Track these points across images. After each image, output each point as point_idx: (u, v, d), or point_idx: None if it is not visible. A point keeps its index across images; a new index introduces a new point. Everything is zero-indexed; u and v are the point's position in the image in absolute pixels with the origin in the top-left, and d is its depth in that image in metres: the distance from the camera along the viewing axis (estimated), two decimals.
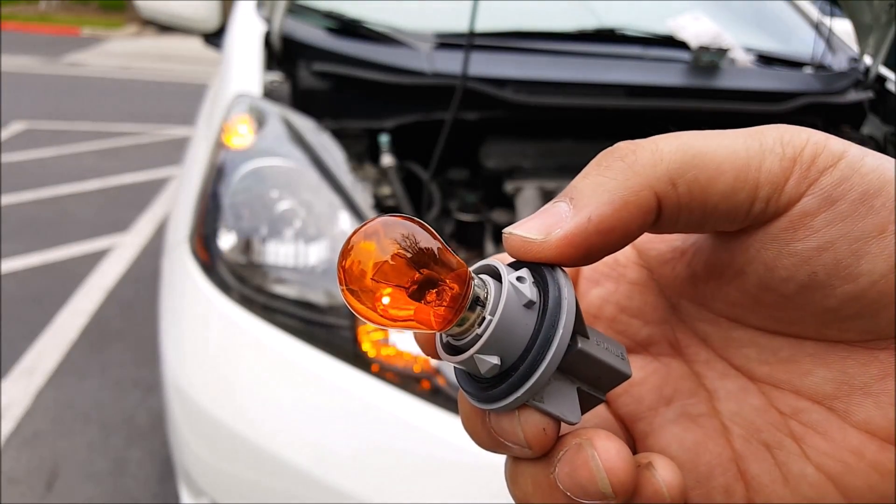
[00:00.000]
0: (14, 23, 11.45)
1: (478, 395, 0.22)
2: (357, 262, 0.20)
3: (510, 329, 0.20)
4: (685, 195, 0.20)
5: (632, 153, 0.20)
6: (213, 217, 1.12)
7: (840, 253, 0.19)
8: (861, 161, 0.19)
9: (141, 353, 2.28)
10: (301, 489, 0.93)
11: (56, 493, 1.69)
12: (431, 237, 0.21)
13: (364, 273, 0.20)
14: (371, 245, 0.20)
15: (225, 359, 1.04)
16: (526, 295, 0.21)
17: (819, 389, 0.21)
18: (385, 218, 0.21)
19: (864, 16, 1.65)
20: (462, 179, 1.51)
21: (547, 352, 0.20)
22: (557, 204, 0.21)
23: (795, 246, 0.19)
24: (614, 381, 0.23)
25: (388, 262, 0.20)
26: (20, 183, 3.84)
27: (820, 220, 0.19)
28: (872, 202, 0.19)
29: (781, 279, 0.20)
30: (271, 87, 1.34)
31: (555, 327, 0.20)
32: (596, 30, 1.63)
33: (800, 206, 0.19)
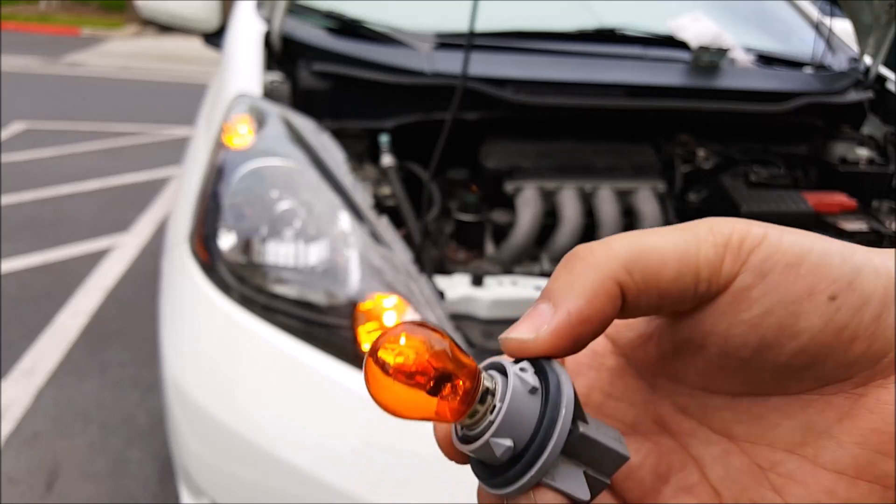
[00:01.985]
0: (14, 23, 11.45)
1: (494, 481, 0.24)
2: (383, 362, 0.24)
3: (519, 413, 0.23)
4: (641, 282, 0.23)
5: (590, 254, 0.24)
6: (213, 217, 1.12)
7: (780, 316, 0.22)
8: (780, 239, 0.23)
9: (141, 353, 2.28)
10: (301, 489, 0.93)
11: (56, 493, 1.69)
12: (444, 340, 0.24)
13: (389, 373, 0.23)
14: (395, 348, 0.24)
15: (225, 359, 1.04)
16: (530, 382, 0.24)
17: (789, 439, 0.24)
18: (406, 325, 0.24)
19: (864, 16, 1.65)
20: (462, 179, 1.51)
21: (553, 430, 0.23)
22: (539, 306, 0.24)
23: (742, 316, 0.23)
24: (616, 463, 0.25)
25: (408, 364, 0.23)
26: (20, 183, 3.84)
27: (757, 291, 0.22)
28: (798, 270, 0.22)
29: (737, 346, 0.23)
30: (271, 87, 1.34)
31: (558, 408, 0.23)
32: (596, 30, 1.63)
33: (738, 283, 0.23)
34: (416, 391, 0.23)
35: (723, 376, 0.25)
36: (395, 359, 0.24)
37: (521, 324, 0.24)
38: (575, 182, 1.44)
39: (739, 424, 0.25)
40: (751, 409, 0.25)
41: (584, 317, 0.23)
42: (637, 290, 0.23)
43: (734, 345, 0.23)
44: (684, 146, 1.58)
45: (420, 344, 0.24)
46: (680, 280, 0.23)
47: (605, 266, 0.23)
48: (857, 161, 1.59)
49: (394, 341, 0.24)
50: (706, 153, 1.55)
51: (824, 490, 0.22)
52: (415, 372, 0.23)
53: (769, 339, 0.23)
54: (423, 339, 0.24)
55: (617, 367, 0.28)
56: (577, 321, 0.23)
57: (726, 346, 0.23)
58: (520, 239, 1.35)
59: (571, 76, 1.45)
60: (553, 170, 1.46)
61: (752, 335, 0.23)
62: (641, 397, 0.28)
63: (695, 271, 0.23)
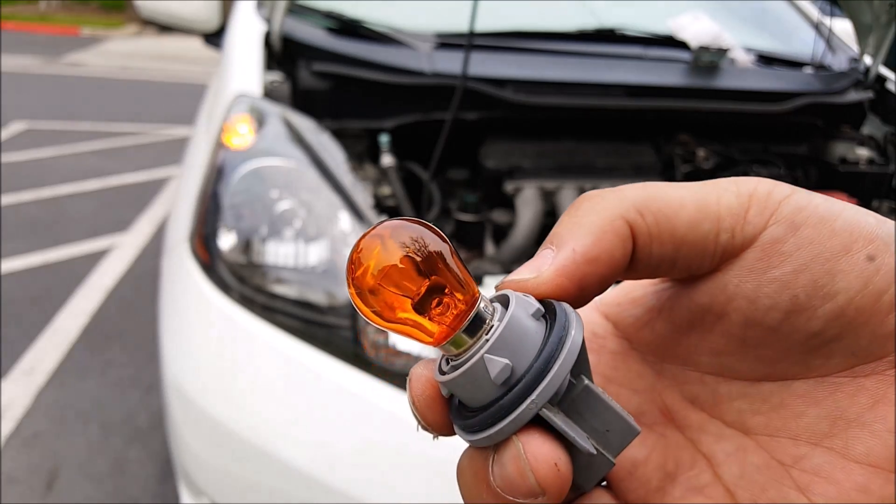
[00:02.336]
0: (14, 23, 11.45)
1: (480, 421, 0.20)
2: (366, 263, 0.20)
3: (520, 335, 0.20)
4: (653, 224, 0.21)
5: (598, 196, 0.22)
6: (213, 217, 1.12)
7: (815, 273, 0.20)
8: (810, 196, 0.21)
9: (141, 353, 2.28)
10: (301, 489, 0.93)
11: (56, 493, 1.69)
12: (442, 242, 0.21)
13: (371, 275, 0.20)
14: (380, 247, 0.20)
15: (225, 359, 1.04)
16: (534, 304, 0.21)
17: (815, 429, 0.21)
18: (398, 221, 0.21)
19: (864, 16, 1.65)
20: (462, 179, 1.51)
21: (560, 351, 0.19)
22: (542, 251, 0.22)
23: (773, 273, 0.20)
24: (624, 436, 0.21)
25: (396, 266, 0.20)
26: (20, 183, 3.84)
27: (790, 244, 0.20)
28: (832, 224, 0.20)
29: (766, 308, 0.21)
30: (271, 87, 1.34)
31: (566, 330, 0.20)
32: (596, 30, 1.63)
33: (767, 235, 0.20)
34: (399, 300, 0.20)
35: (742, 353, 0.22)
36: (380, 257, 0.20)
37: (523, 267, 0.22)
38: (575, 182, 1.44)
39: (756, 415, 0.22)
40: (770, 397, 0.22)
41: (591, 256, 0.21)
42: (649, 232, 0.21)
43: (762, 307, 0.21)
44: (684, 146, 1.58)
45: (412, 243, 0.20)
46: (698, 227, 0.21)
47: (614, 205, 0.21)
48: (857, 161, 1.59)
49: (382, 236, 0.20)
50: (706, 153, 1.55)
51: (857, 486, 0.20)
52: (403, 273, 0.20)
53: (802, 301, 0.20)
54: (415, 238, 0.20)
55: (619, 350, 0.26)
56: (582, 259, 0.21)
57: (752, 311, 0.21)
58: (520, 239, 1.34)
59: (571, 76, 1.45)
60: (553, 170, 1.46)
61: (783, 295, 0.20)
62: (646, 384, 0.25)
63: (715, 218, 0.21)
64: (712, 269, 0.22)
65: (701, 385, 0.24)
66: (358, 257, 0.20)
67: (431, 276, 0.20)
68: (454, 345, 0.20)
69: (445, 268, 0.20)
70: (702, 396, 0.24)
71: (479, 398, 0.20)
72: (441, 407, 0.22)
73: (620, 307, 0.26)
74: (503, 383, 0.19)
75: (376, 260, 0.20)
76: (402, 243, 0.20)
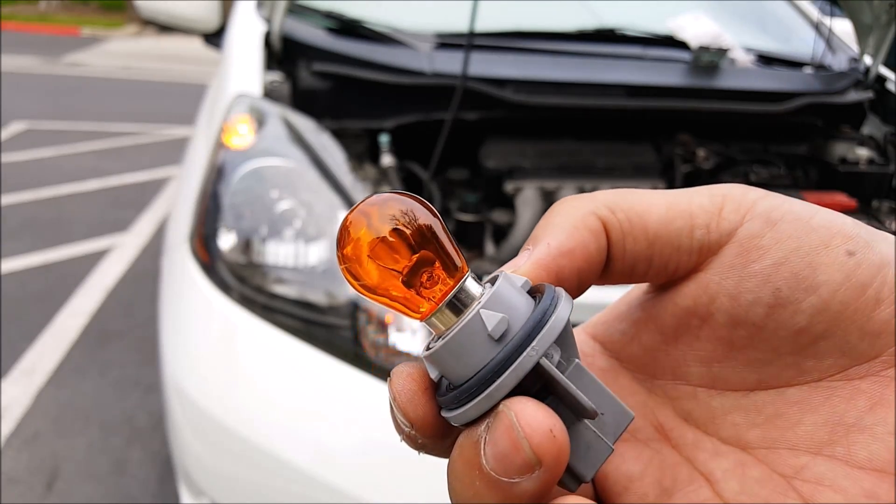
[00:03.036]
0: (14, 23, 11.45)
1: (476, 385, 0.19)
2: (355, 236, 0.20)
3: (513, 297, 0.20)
4: (625, 220, 0.21)
5: (571, 199, 0.22)
6: (213, 217, 1.12)
7: (796, 266, 0.20)
8: (784, 198, 0.21)
9: (141, 353, 2.28)
10: (301, 489, 0.93)
11: (56, 493, 1.69)
12: (434, 219, 0.21)
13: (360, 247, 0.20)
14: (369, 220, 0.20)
15: (225, 359, 1.04)
16: (521, 279, 0.21)
17: (814, 438, 0.20)
18: (388, 194, 0.21)
19: (864, 16, 1.65)
20: (462, 179, 1.51)
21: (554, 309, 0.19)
22: (521, 253, 0.22)
23: (753, 267, 0.20)
24: (619, 421, 0.21)
25: (385, 238, 0.20)
26: (20, 183, 3.84)
27: (767, 239, 0.20)
28: (809, 222, 0.20)
29: (749, 304, 0.20)
30: (271, 87, 1.34)
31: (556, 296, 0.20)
32: (596, 30, 1.63)
33: (744, 230, 0.21)
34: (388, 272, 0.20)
35: (731, 360, 0.22)
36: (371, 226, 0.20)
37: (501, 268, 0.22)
38: (575, 182, 1.44)
39: (753, 428, 0.22)
40: (765, 408, 0.21)
41: (566, 249, 0.21)
42: (621, 228, 0.21)
43: (745, 303, 0.20)
44: (684, 146, 1.58)
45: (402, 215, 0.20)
46: (670, 224, 0.21)
47: (586, 205, 0.22)
48: (857, 161, 1.59)
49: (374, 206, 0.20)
50: (706, 153, 1.55)
51: (864, 493, 0.19)
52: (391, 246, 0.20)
53: (784, 294, 0.20)
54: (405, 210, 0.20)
55: (608, 368, 0.25)
56: (557, 252, 0.21)
57: (736, 308, 0.21)
58: (520, 239, 1.35)
59: (571, 76, 1.45)
60: (553, 170, 1.46)
61: (765, 288, 0.20)
62: (637, 401, 0.24)
63: (687, 215, 0.21)
64: (692, 269, 0.22)
65: (694, 400, 0.23)
66: (347, 230, 0.20)
67: (420, 250, 0.20)
68: (441, 320, 0.20)
69: (434, 241, 0.20)
70: (695, 412, 0.23)
71: (472, 363, 0.19)
72: (425, 399, 0.20)
73: (607, 325, 0.26)
74: (499, 339, 0.19)
75: (365, 232, 0.20)
76: (391, 216, 0.20)
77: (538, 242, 0.22)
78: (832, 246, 0.20)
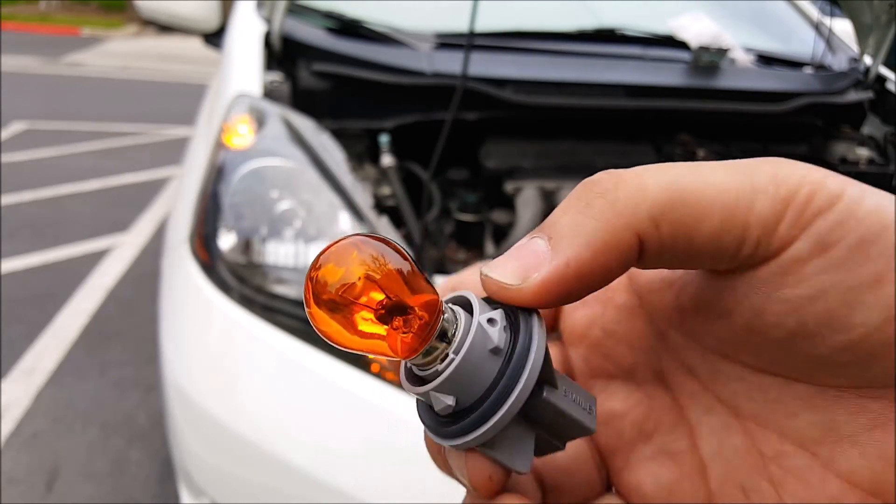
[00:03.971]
0: (14, 23, 11.45)
1: (433, 426, 0.22)
2: (324, 281, 0.20)
3: (471, 372, 0.20)
4: (668, 237, 0.19)
5: (614, 188, 0.19)
6: (213, 217, 1.12)
7: (832, 302, 0.18)
8: (859, 203, 0.18)
9: (141, 353, 2.28)
10: (301, 489, 0.93)
11: (56, 493, 1.69)
12: (403, 259, 0.20)
13: (330, 293, 0.19)
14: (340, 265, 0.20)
15: (225, 359, 1.04)
16: (493, 340, 0.20)
17: (804, 433, 0.20)
18: (356, 237, 0.20)
19: (864, 16, 1.65)
20: (462, 179, 1.51)
21: (504, 403, 0.20)
22: (535, 240, 0.20)
23: (784, 293, 0.18)
24: (576, 433, 0.23)
25: (356, 284, 0.19)
26: (20, 183, 3.84)
27: (812, 266, 0.18)
28: (869, 249, 0.17)
29: (770, 325, 0.19)
30: (271, 87, 1.34)
31: (517, 380, 0.20)
32: (596, 30, 1.63)
33: (791, 252, 0.18)
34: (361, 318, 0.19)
35: (744, 349, 0.21)
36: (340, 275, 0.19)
37: (509, 260, 0.20)
38: (575, 182, 1.43)
39: (750, 402, 0.21)
40: (768, 390, 0.21)
41: (585, 271, 0.19)
42: (661, 245, 0.19)
43: (766, 323, 0.19)
44: (684, 146, 1.58)
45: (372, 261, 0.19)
46: (719, 239, 0.19)
47: (628, 212, 0.19)
48: (857, 161, 1.59)
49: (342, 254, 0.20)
50: (706, 153, 1.55)
51: (828, 496, 0.19)
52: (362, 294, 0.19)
53: (810, 328, 0.18)
54: (375, 256, 0.20)
55: (627, 305, 0.24)
56: (574, 275, 0.19)
57: (756, 322, 0.19)
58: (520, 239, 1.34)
59: (571, 76, 1.45)
60: (553, 170, 1.46)
61: (791, 318, 0.18)
62: (646, 344, 0.24)
63: (741, 231, 0.18)
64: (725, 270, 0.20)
65: (702, 359, 0.22)
66: (316, 278, 0.20)
67: (392, 293, 0.20)
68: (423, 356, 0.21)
69: (406, 281, 0.20)
70: (700, 369, 0.23)
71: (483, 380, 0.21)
72: None
73: None
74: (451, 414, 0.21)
75: (335, 279, 0.19)
76: (360, 261, 0.19)
77: (559, 248, 0.19)
78: (884, 283, 0.17)
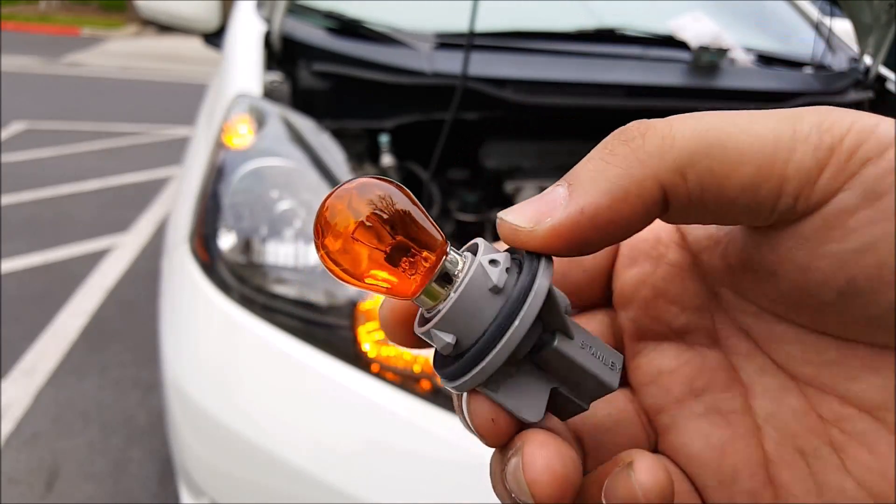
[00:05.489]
0: (14, 23, 11.45)
1: (439, 369, 0.21)
2: (333, 221, 0.20)
3: (470, 311, 0.20)
4: (696, 188, 0.18)
5: (640, 136, 0.18)
6: (213, 217, 1.12)
7: (884, 255, 0.16)
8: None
9: (141, 353, 2.28)
10: (301, 489, 0.93)
11: (56, 493, 1.69)
12: (410, 202, 0.20)
13: (339, 233, 0.20)
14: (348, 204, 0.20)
15: (225, 359, 1.04)
16: (493, 279, 0.20)
17: (866, 397, 0.18)
18: (364, 179, 0.20)
19: (864, 16, 1.65)
20: (462, 179, 1.51)
21: (499, 341, 0.19)
22: (556, 188, 0.19)
23: (830, 247, 0.17)
24: (596, 391, 0.21)
25: (363, 223, 0.20)
26: (20, 183, 3.84)
27: (860, 218, 0.16)
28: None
29: (817, 283, 0.18)
30: (271, 87, 1.34)
31: (513, 318, 0.19)
32: (596, 30, 1.63)
33: (836, 203, 0.17)
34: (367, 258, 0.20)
35: (797, 310, 0.19)
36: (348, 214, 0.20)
37: (527, 205, 0.20)
38: None
39: (807, 365, 0.20)
40: (826, 352, 0.19)
41: (602, 220, 0.18)
42: (688, 198, 0.18)
43: (813, 280, 0.18)
44: None
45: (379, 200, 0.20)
46: (753, 191, 0.17)
47: (653, 162, 0.18)
48: None
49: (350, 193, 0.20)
50: None
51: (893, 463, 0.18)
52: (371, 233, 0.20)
53: (861, 284, 0.17)
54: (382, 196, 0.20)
55: (680, 262, 0.23)
56: (588, 223, 0.18)
57: (804, 281, 0.18)
58: None
59: (571, 76, 1.45)
60: (553, 170, 1.46)
61: (839, 274, 0.17)
62: (699, 304, 0.22)
63: (778, 183, 0.17)
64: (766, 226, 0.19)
65: (757, 318, 0.21)
66: (325, 217, 0.20)
67: (398, 233, 0.20)
68: (430, 294, 0.21)
69: (412, 223, 0.20)
70: (755, 329, 0.21)
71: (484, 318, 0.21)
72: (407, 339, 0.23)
73: None
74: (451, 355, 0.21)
75: (343, 218, 0.20)
76: (368, 201, 0.20)
77: (575, 194, 0.18)
78: None
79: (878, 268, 0.16)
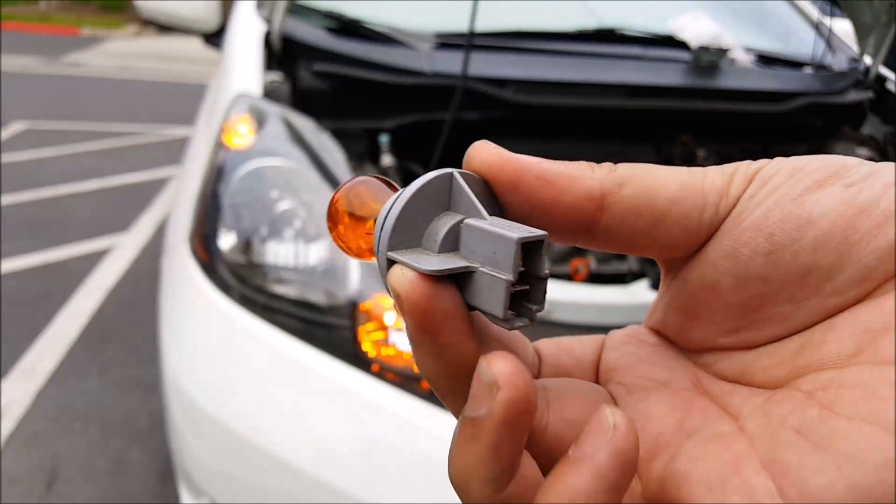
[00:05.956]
0: (14, 23, 11.45)
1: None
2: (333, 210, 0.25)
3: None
4: (630, 196, 0.21)
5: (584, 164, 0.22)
6: (213, 217, 1.12)
7: (786, 208, 0.19)
8: (792, 158, 0.21)
9: (141, 353, 2.28)
10: (301, 489, 0.93)
11: (56, 493, 1.69)
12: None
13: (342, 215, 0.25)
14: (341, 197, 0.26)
15: (225, 359, 1.04)
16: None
17: (840, 351, 0.19)
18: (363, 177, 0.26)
19: (864, 16, 1.65)
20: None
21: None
22: None
23: (744, 223, 0.20)
24: (508, 251, 0.19)
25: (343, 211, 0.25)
26: (20, 183, 3.84)
27: (760, 194, 0.20)
28: (807, 167, 0.20)
29: (746, 258, 0.20)
30: (271, 87, 1.34)
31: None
32: (596, 30, 1.63)
33: (743, 197, 0.20)
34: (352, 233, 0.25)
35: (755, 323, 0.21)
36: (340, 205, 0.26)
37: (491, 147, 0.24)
38: None
39: (781, 366, 0.21)
40: (790, 343, 0.21)
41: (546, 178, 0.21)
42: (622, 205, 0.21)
43: (743, 258, 0.20)
44: (684, 146, 1.58)
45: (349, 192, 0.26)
46: (681, 202, 0.21)
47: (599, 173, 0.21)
48: None
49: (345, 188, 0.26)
50: (706, 153, 1.55)
51: (885, 382, 0.17)
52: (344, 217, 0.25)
53: (779, 238, 0.19)
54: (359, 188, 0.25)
55: (658, 343, 0.25)
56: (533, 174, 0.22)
57: (736, 266, 0.20)
58: None
59: (571, 76, 1.45)
60: None
61: (758, 237, 0.20)
62: (680, 364, 0.24)
63: (700, 194, 0.21)
64: (699, 247, 0.21)
65: (727, 360, 0.23)
66: (334, 208, 0.25)
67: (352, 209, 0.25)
68: None
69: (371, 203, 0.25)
70: (729, 371, 0.23)
71: None
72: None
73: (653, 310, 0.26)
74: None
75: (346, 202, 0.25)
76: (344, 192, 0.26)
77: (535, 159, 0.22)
78: (828, 184, 0.19)
79: (786, 217, 0.19)
